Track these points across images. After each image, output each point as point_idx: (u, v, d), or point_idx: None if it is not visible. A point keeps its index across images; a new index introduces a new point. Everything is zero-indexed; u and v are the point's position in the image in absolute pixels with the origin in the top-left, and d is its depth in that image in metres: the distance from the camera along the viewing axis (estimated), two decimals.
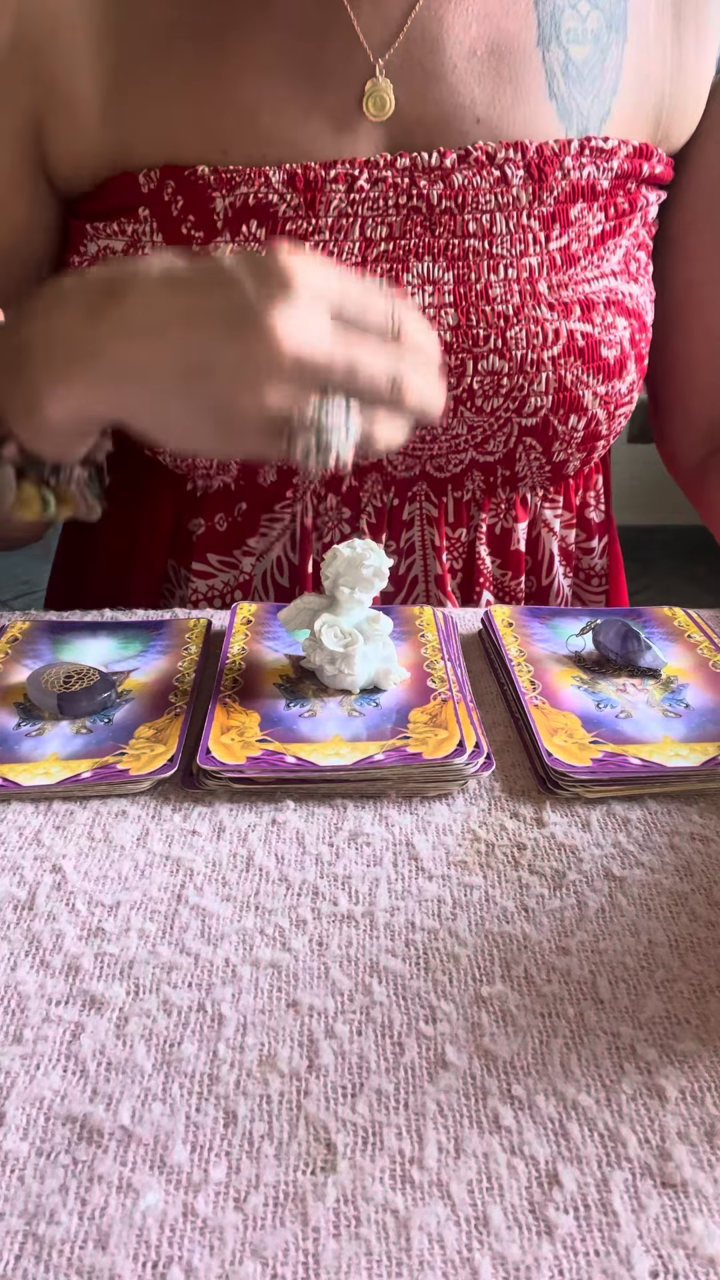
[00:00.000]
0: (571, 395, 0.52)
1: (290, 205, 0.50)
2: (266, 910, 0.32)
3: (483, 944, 0.31)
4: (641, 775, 0.37)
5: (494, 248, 0.51)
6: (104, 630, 0.49)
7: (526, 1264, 0.22)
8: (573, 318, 0.52)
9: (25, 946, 0.30)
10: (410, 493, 0.57)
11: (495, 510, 0.58)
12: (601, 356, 0.52)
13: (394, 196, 0.50)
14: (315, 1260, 0.22)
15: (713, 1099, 0.26)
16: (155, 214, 0.51)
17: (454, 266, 0.51)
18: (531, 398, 0.52)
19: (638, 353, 0.55)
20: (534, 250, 0.51)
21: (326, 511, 0.57)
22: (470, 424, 0.53)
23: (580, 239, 0.52)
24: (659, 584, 2.41)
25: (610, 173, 0.52)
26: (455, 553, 0.59)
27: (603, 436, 0.56)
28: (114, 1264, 0.22)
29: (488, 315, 0.50)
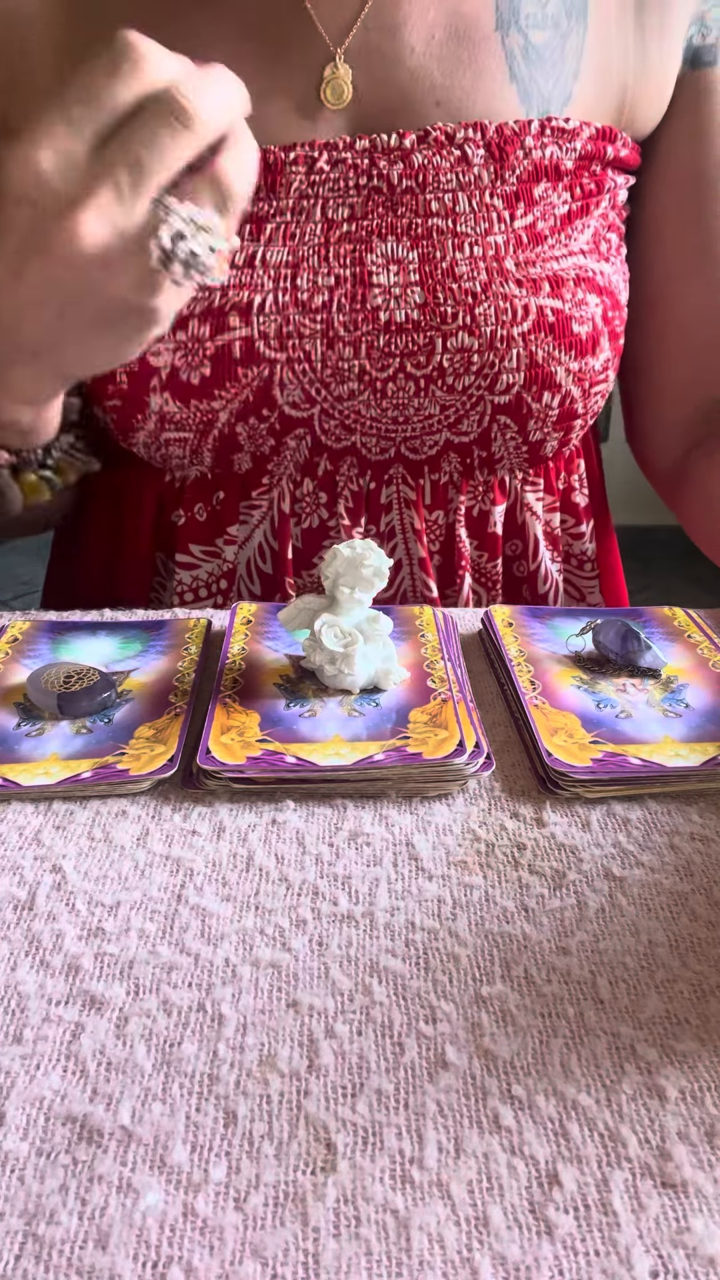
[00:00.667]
0: (544, 372, 0.52)
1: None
2: (266, 910, 0.32)
3: (483, 944, 0.31)
4: (641, 775, 0.37)
5: (458, 226, 0.51)
6: (104, 630, 0.49)
7: (526, 1264, 0.22)
8: (542, 294, 0.51)
9: (25, 946, 0.30)
10: (386, 475, 0.57)
11: (473, 493, 0.58)
12: (573, 332, 0.52)
13: (354, 177, 0.50)
14: (315, 1260, 0.22)
15: (713, 1099, 0.26)
16: None
17: (418, 245, 0.51)
18: (503, 375, 0.52)
19: (611, 330, 0.55)
20: (499, 229, 0.51)
21: (303, 497, 0.57)
22: (442, 403, 0.53)
23: (546, 218, 0.52)
24: (659, 584, 2.41)
25: (574, 153, 0.52)
26: (434, 535, 0.59)
27: (579, 415, 0.56)
28: (114, 1264, 0.22)
29: (455, 293, 0.50)
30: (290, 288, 0.50)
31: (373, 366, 0.51)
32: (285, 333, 0.50)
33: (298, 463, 0.56)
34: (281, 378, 0.51)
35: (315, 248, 0.51)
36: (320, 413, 0.53)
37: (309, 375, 0.51)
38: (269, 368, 0.51)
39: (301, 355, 0.51)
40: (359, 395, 0.52)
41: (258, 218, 0.50)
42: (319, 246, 0.51)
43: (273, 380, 0.51)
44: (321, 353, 0.51)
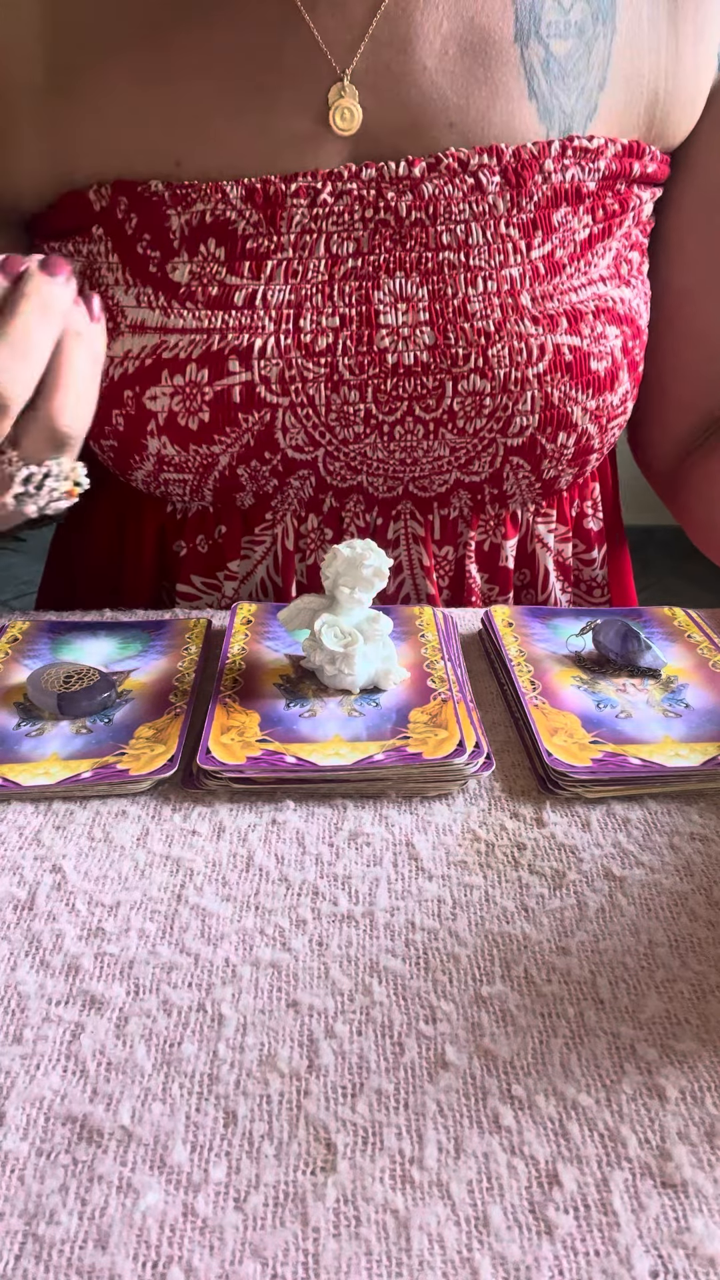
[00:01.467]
0: (560, 413, 0.50)
1: (250, 222, 0.47)
2: (266, 910, 0.32)
3: (483, 944, 0.31)
4: (641, 775, 0.37)
5: (471, 260, 0.48)
6: (104, 630, 0.49)
7: (526, 1264, 0.22)
8: (559, 331, 0.49)
9: (25, 946, 0.30)
10: (394, 511, 0.55)
11: (484, 527, 0.56)
12: (591, 370, 0.50)
13: (360, 210, 0.47)
14: (315, 1260, 0.22)
15: (713, 1099, 0.26)
16: (109, 233, 0.49)
17: (428, 281, 0.48)
18: (517, 417, 0.50)
19: (630, 360, 0.53)
20: (514, 260, 0.48)
21: (308, 533, 0.55)
22: (453, 445, 0.51)
23: (565, 245, 0.49)
24: (659, 584, 2.41)
25: (597, 174, 0.49)
26: (443, 570, 0.57)
27: (595, 450, 0.54)
28: (114, 1264, 0.22)
29: (467, 333, 0.48)
30: (293, 329, 0.48)
31: (380, 410, 0.49)
32: (288, 377, 0.48)
33: (302, 500, 0.54)
34: (284, 422, 0.49)
35: (319, 286, 0.48)
36: (325, 455, 0.51)
37: (312, 420, 0.49)
38: (270, 412, 0.49)
39: (305, 400, 0.49)
40: (365, 438, 0.50)
41: (258, 254, 0.47)
42: (323, 284, 0.48)
43: (274, 424, 0.49)
44: (326, 397, 0.49)
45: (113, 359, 0.49)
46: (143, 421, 0.50)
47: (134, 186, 0.47)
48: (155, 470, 0.52)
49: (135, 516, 0.59)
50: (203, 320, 0.48)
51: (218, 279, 0.48)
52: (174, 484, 0.53)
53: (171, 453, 0.50)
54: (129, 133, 0.47)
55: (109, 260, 0.49)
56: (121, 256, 0.49)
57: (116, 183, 0.48)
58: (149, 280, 0.48)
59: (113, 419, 0.50)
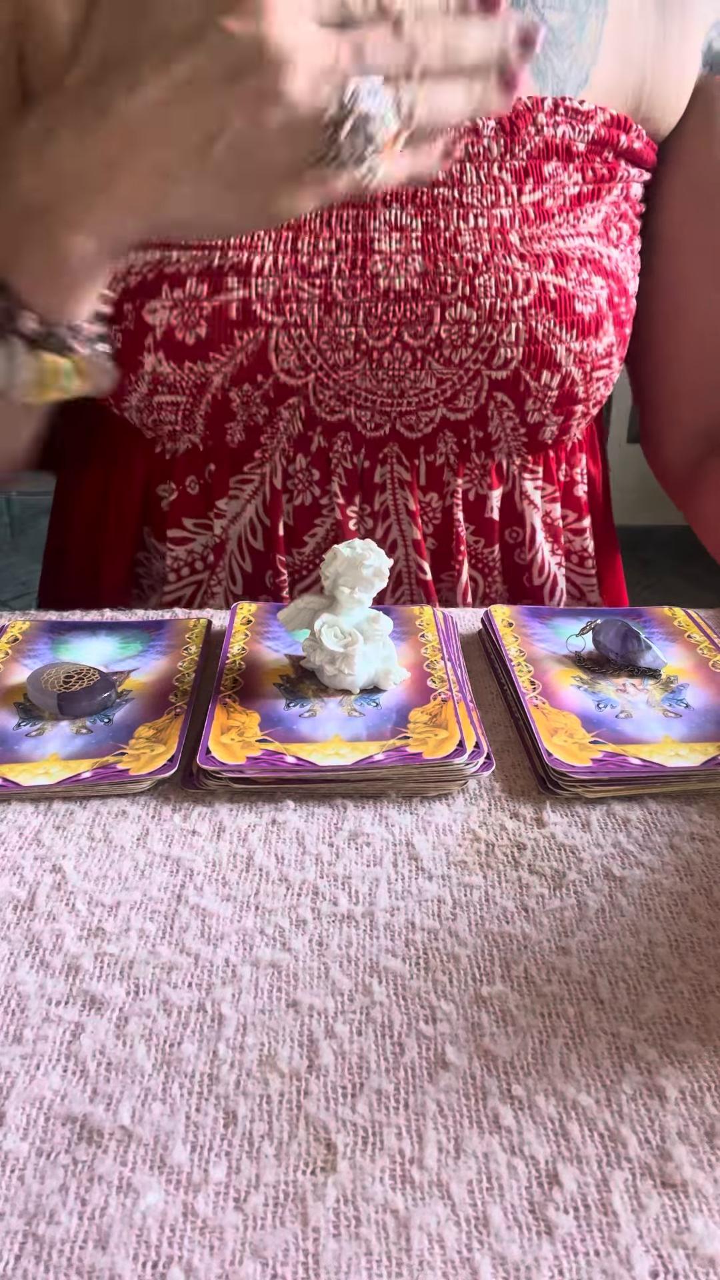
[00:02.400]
0: (543, 349, 0.52)
1: None
2: (266, 910, 0.32)
3: (483, 944, 0.31)
4: (641, 775, 0.37)
5: (464, 196, 0.51)
6: (104, 630, 0.49)
7: (526, 1264, 0.22)
8: (545, 269, 0.51)
9: (25, 946, 0.30)
10: (381, 454, 0.57)
11: (469, 476, 0.58)
12: (575, 311, 0.52)
13: None
14: (315, 1260, 0.22)
15: (713, 1099, 0.26)
16: None
17: (422, 214, 0.51)
18: (501, 348, 0.51)
19: (616, 315, 0.54)
20: (505, 202, 0.51)
21: (296, 473, 0.57)
22: (439, 376, 0.52)
23: (555, 196, 0.52)
24: (659, 584, 2.42)
25: (587, 135, 0.52)
26: (429, 517, 0.59)
27: (579, 400, 0.55)
28: (114, 1264, 0.22)
29: (456, 262, 0.50)
30: (290, 250, 0.50)
31: (370, 334, 0.51)
32: (283, 296, 0.50)
33: (291, 436, 0.55)
34: (277, 342, 0.51)
35: (317, 211, 0.50)
36: (315, 381, 0.52)
37: (305, 341, 0.51)
38: (265, 331, 0.51)
39: (299, 320, 0.50)
40: (355, 364, 0.52)
41: None
42: (321, 210, 0.50)
43: (268, 344, 0.51)
44: (319, 318, 0.51)
45: (114, 274, 0.50)
46: (140, 336, 0.51)
47: None
48: (149, 393, 0.53)
49: (124, 462, 0.59)
50: (204, 238, 0.50)
51: (208, 244, 0.49)
52: (166, 409, 0.54)
53: (167, 370, 0.52)
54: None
55: None
56: None
57: None
58: None
59: (111, 337, 0.51)
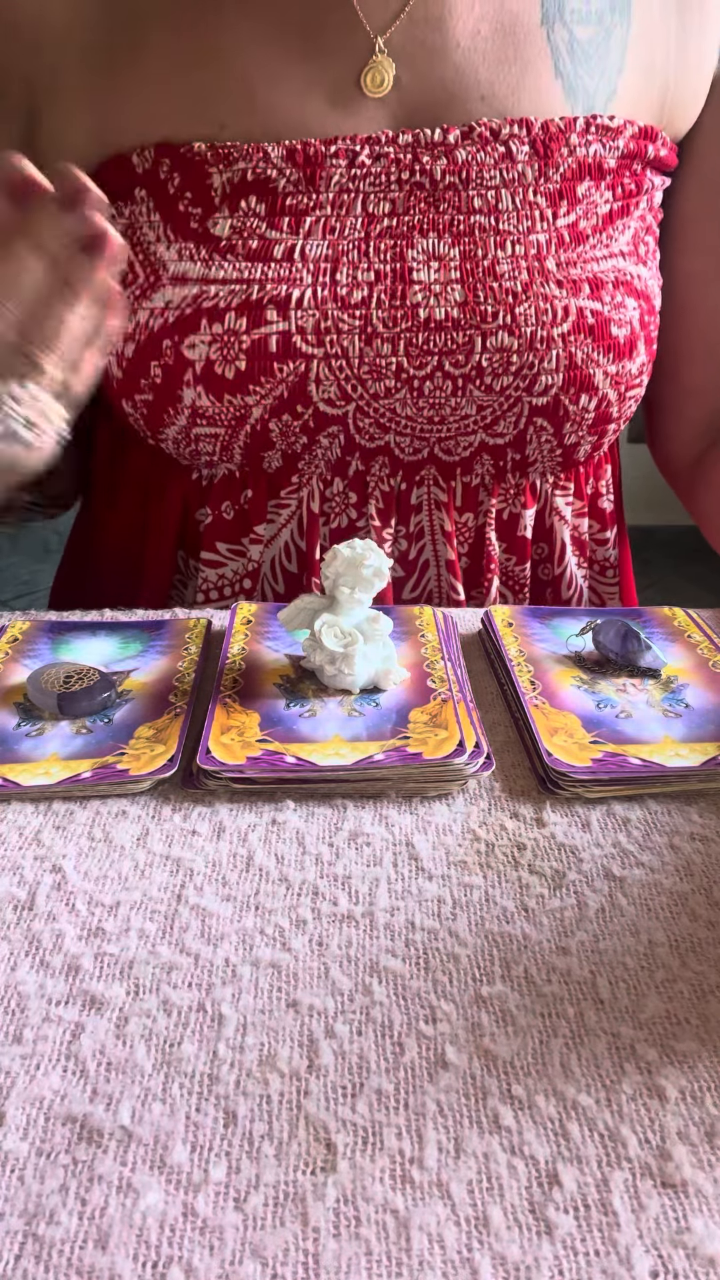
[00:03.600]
0: (582, 374, 0.52)
1: (290, 181, 0.49)
2: (266, 910, 0.32)
3: (483, 944, 0.31)
4: (641, 775, 0.37)
5: (500, 224, 0.51)
6: (104, 630, 0.49)
7: (526, 1264, 0.22)
8: (581, 295, 0.51)
9: (25, 946, 0.30)
10: (418, 477, 0.56)
11: (504, 496, 0.58)
12: (612, 335, 0.52)
13: (396, 172, 0.50)
14: (315, 1260, 0.22)
15: (713, 1099, 0.26)
16: (152, 193, 0.51)
17: (460, 242, 0.50)
18: (542, 375, 0.52)
19: (647, 335, 0.55)
20: (541, 227, 0.51)
21: (333, 496, 0.57)
22: (480, 403, 0.52)
23: (589, 217, 0.52)
24: (659, 584, 2.42)
25: (617, 151, 0.52)
26: (463, 537, 0.58)
27: (613, 420, 0.56)
28: (114, 1264, 0.22)
29: (495, 291, 0.50)
30: (329, 282, 0.50)
31: (411, 364, 0.51)
32: (323, 328, 0.50)
33: (329, 461, 0.55)
34: (318, 374, 0.51)
35: (355, 242, 0.50)
36: (355, 410, 0.52)
37: (345, 371, 0.51)
38: (305, 363, 0.50)
39: (339, 351, 0.50)
40: (396, 393, 0.52)
41: (297, 211, 0.50)
42: (359, 241, 0.50)
43: (308, 376, 0.51)
44: (359, 349, 0.50)
45: (152, 310, 0.51)
46: (179, 371, 0.51)
47: (177, 149, 0.50)
48: (188, 426, 0.53)
49: (159, 486, 0.59)
50: (243, 271, 0.50)
51: (258, 233, 0.50)
52: (205, 440, 0.54)
53: (206, 404, 0.52)
54: (174, 101, 0.50)
55: (150, 219, 0.51)
56: (163, 215, 0.51)
57: (159, 145, 0.50)
58: (190, 236, 0.50)
59: (150, 371, 0.52)
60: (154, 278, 0.51)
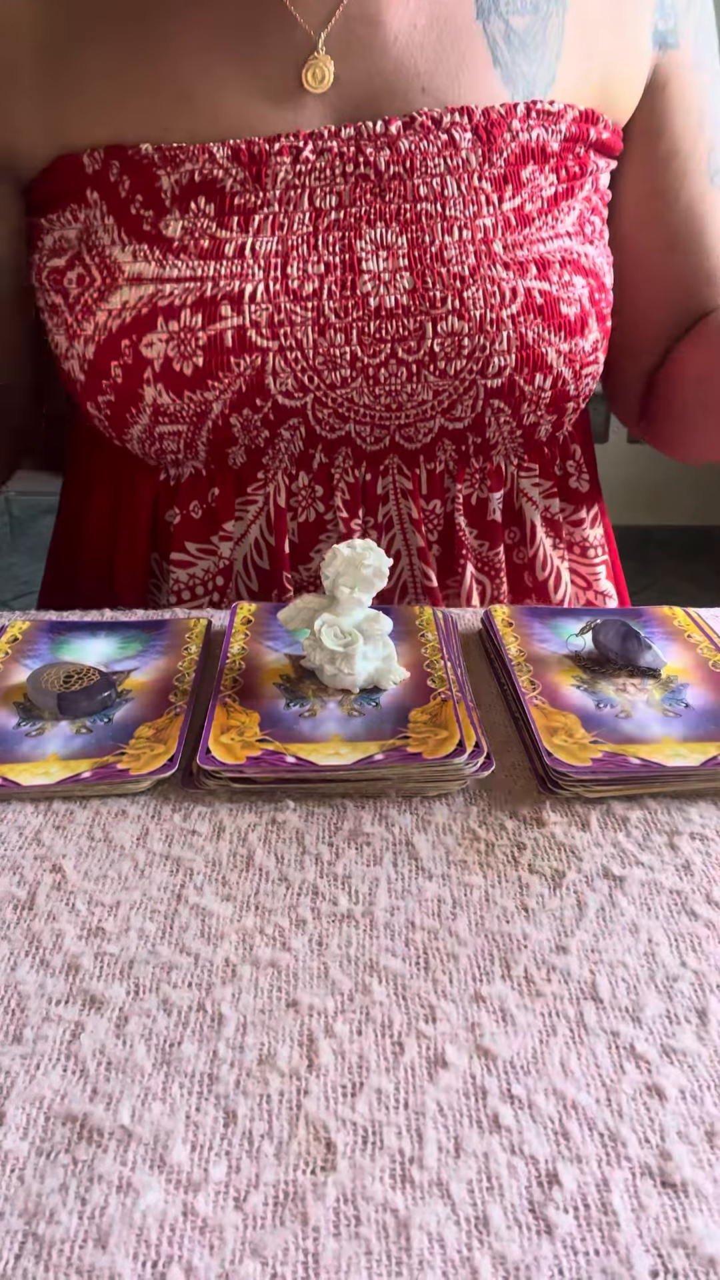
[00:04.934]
0: (535, 353, 0.53)
1: (236, 180, 0.50)
2: (266, 910, 0.32)
3: (482, 944, 0.31)
4: (641, 775, 0.37)
5: (447, 210, 0.51)
6: (104, 630, 0.49)
7: (526, 1264, 0.22)
8: (529, 276, 0.52)
9: (25, 946, 0.30)
10: (382, 466, 0.57)
11: (470, 480, 0.59)
12: (561, 314, 0.53)
13: (341, 165, 0.51)
14: (315, 1260, 0.22)
15: (713, 1099, 0.26)
16: (104, 196, 0.52)
17: (407, 230, 0.51)
18: (494, 357, 0.52)
19: (598, 311, 0.56)
20: (487, 211, 0.52)
21: (299, 490, 0.57)
22: (435, 388, 0.53)
23: (534, 199, 0.53)
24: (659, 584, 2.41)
25: (559, 135, 0.53)
26: (432, 524, 0.59)
27: (571, 398, 0.56)
28: (114, 1264, 0.22)
29: (443, 277, 0.51)
30: (281, 276, 0.51)
31: (364, 352, 0.52)
32: (277, 320, 0.51)
33: (292, 455, 0.56)
34: (274, 366, 0.51)
35: (304, 236, 0.51)
36: (314, 401, 0.53)
37: (301, 363, 0.52)
38: (261, 356, 0.51)
39: (294, 343, 0.51)
40: (351, 383, 0.53)
41: (245, 209, 0.51)
42: (308, 235, 0.51)
43: (265, 369, 0.51)
44: (313, 340, 0.51)
45: (110, 311, 0.52)
46: (139, 370, 0.52)
47: (125, 150, 0.51)
48: (150, 424, 0.54)
49: (130, 488, 0.60)
50: (196, 270, 0.51)
51: (208, 233, 0.51)
52: (169, 438, 0.54)
53: (167, 401, 0.52)
54: (119, 101, 0.51)
55: (104, 222, 0.52)
56: (117, 218, 0.52)
57: (109, 148, 0.51)
58: (144, 237, 0.51)
59: (110, 372, 0.52)
60: (110, 280, 0.52)
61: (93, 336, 0.52)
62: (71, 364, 0.54)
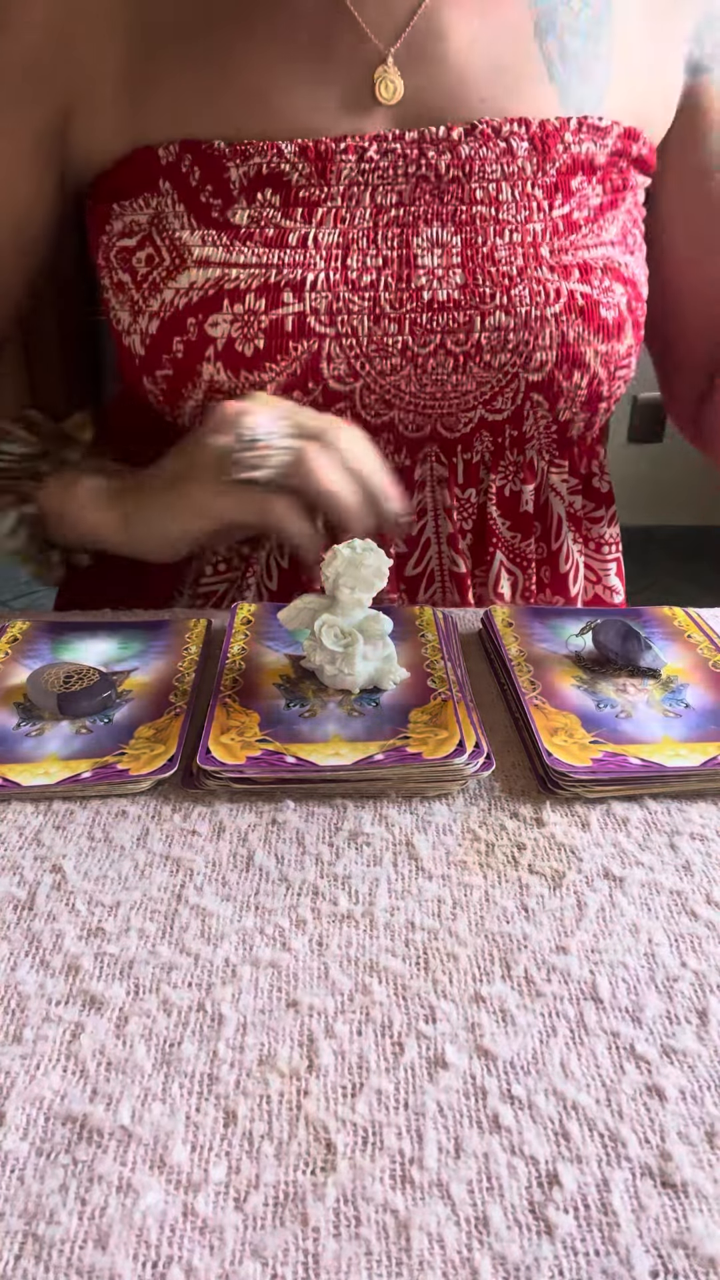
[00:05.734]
0: (574, 351, 0.56)
1: (303, 175, 0.53)
2: (266, 910, 0.32)
3: (482, 944, 0.31)
4: (641, 775, 0.37)
5: (500, 214, 0.54)
6: (104, 630, 0.49)
7: (526, 1264, 0.22)
8: (572, 279, 0.55)
9: (25, 946, 0.30)
10: (421, 453, 0.59)
11: (505, 473, 0.61)
12: (601, 316, 0.56)
13: (403, 166, 0.54)
14: (315, 1260, 0.22)
15: (713, 1099, 0.26)
16: (175, 185, 0.54)
17: (462, 231, 0.54)
18: (537, 352, 0.55)
19: (634, 319, 0.58)
20: (538, 217, 0.55)
21: None
22: (479, 379, 0.56)
23: (581, 208, 0.56)
24: (659, 584, 2.41)
25: (606, 149, 0.56)
26: (465, 513, 0.61)
27: (604, 398, 0.59)
28: (114, 1264, 0.22)
29: (493, 275, 0.54)
30: (340, 266, 0.53)
31: (415, 342, 0.54)
32: (335, 309, 0.53)
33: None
34: (329, 351, 0.54)
35: (364, 231, 0.54)
36: (362, 388, 0.55)
37: (355, 350, 0.54)
38: (318, 341, 0.54)
39: (349, 330, 0.54)
40: (400, 370, 0.55)
41: (309, 202, 0.53)
42: (368, 230, 0.54)
43: (320, 354, 0.54)
44: (368, 328, 0.54)
45: (177, 290, 0.54)
46: (201, 348, 0.54)
47: (199, 145, 0.54)
48: (204, 400, 0.56)
49: None
50: (261, 257, 0.54)
51: (274, 222, 0.54)
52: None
53: (223, 379, 0.55)
54: (197, 104, 0.54)
55: (175, 209, 0.55)
56: (187, 205, 0.54)
57: (183, 142, 0.54)
58: (212, 224, 0.54)
59: (172, 347, 0.55)
60: (178, 260, 0.54)
61: (158, 312, 0.55)
62: (133, 339, 0.57)
